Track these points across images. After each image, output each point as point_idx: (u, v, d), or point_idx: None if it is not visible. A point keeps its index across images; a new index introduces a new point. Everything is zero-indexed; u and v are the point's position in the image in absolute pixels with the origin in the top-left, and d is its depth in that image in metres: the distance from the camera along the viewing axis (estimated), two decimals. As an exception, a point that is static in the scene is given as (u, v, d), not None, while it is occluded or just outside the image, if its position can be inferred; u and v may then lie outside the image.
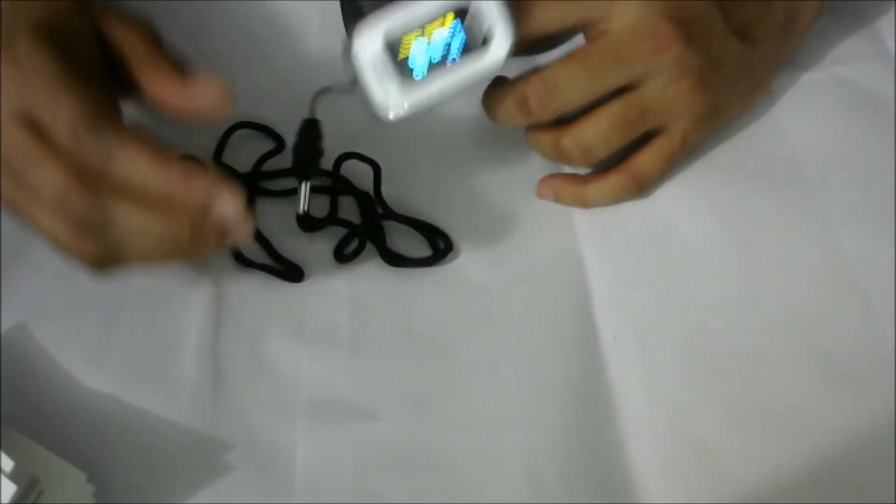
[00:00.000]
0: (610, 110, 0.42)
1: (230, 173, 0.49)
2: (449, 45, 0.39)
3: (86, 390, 0.41)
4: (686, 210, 0.46)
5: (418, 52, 0.39)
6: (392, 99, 0.40)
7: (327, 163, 0.47)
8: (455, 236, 0.46)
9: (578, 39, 0.43)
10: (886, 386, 0.39)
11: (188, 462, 0.39)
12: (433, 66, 0.40)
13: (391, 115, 0.40)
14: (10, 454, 0.34)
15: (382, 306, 0.43)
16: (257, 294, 0.44)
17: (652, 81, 0.42)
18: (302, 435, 0.39)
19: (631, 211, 0.46)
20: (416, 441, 0.39)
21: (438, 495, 0.38)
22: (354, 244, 0.45)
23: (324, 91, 0.43)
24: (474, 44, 0.39)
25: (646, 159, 0.44)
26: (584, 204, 0.46)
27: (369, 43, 0.39)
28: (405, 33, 0.39)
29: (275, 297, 0.44)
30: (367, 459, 0.39)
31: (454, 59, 0.40)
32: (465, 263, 0.45)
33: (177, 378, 0.41)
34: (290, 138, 0.50)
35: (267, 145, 0.50)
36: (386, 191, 0.47)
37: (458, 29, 0.39)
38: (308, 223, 0.45)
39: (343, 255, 0.45)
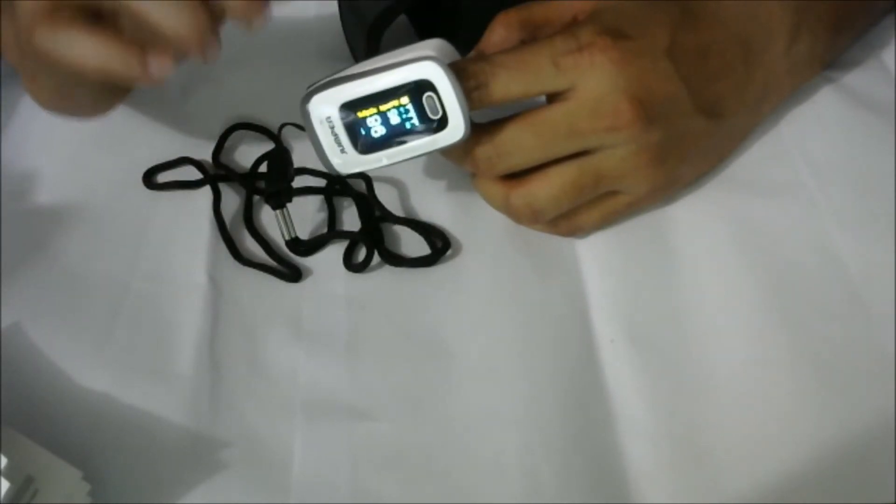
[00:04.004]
0: (562, 175, 0.41)
1: (229, 173, 0.49)
2: (408, 111, 0.39)
3: (82, 388, 0.41)
4: (683, 215, 0.46)
5: (373, 122, 0.39)
6: (339, 160, 0.41)
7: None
8: (453, 236, 0.46)
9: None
10: (885, 392, 0.39)
11: (184, 460, 0.39)
12: (387, 134, 0.40)
13: (339, 172, 0.41)
14: (6, 452, 0.34)
15: (380, 306, 0.43)
16: (255, 293, 0.44)
17: (609, 151, 0.41)
18: (299, 434, 0.39)
19: (628, 215, 0.46)
20: (412, 441, 0.39)
21: (435, 495, 0.37)
22: (360, 251, 0.45)
23: (286, 125, 0.44)
24: (432, 115, 0.39)
25: (591, 215, 0.44)
26: (513, 219, 0.45)
27: (323, 109, 0.39)
28: (360, 109, 0.39)
29: (272, 297, 0.44)
30: (363, 459, 0.38)
31: (412, 126, 0.39)
32: (463, 264, 0.45)
33: (173, 376, 0.41)
34: (288, 139, 0.51)
35: (265, 146, 0.50)
36: (382, 192, 0.48)
37: (415, 103, 0.39)
38: (302, 246, 0.45)
39: (354, 265, 0.45)
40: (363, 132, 0.40)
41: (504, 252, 0.45)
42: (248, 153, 0.50)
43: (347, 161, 0.41)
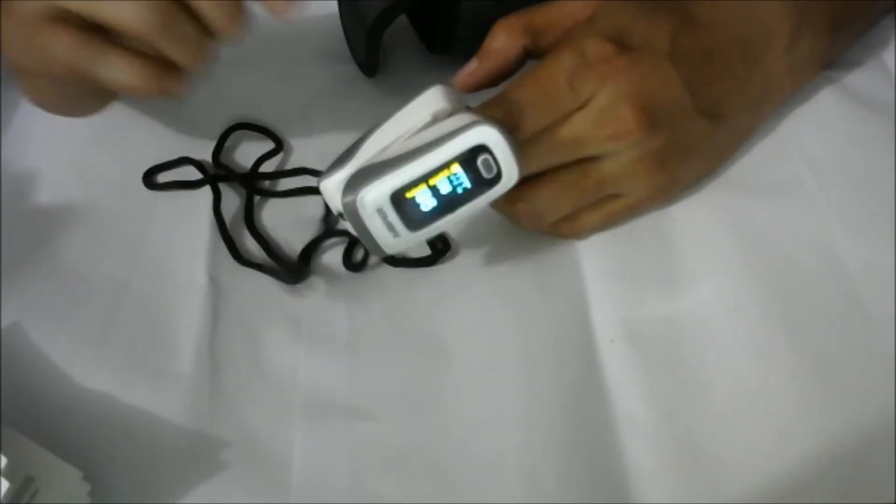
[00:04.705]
0: (564, 179, 0.42)
1: (229, 173, 0.49)
2: (458, 178, 0.37)
3: (82, 388, 0.41)
4: (683, 215, 0.46)
5: (423, 197, 0.37)
6: (393, 244, 0.38)
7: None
8: (452, 237, 0.46)
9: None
10: (884, 392, 0.39)
11: (184, 460, 0.39)
12: (438, 205, 0.38)
13: (391, 254, 0.39)
14: (6, 452, 0.34)
15: (380, 306, 0.43)
16: (255, 293, 0.44)
17: (611, 157, 0.41)
18: (299, 434, 0.39)
19: (628, 217, 0.46)
20: (412, 441, 0.39)
21: (434, 495, 0.37)
22: (360, 251, 0.45)
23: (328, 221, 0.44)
24: (487, 174, 0.37)
25: (592, 217, 0.44)
26: (514, 222, 0.45)
27: (374, 202, 0.37)
28: (409, 190, 0.37)
29: (272, 297, 0.44)
30: (363, 459, 0.39)
31: (464, 190, 0.37)
32: (463, 265, 0.45)
33: (174, 376, 0.41)
34: (288, 139, 0.51)
35: (265, 146, 0.50)
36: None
37: (467, 168, 0.37)
38: (302, 260, 0.45)
39: (353, 265, 0.45)
40: (412, 209, 0.37)
41: (504, 253, 0.45)
42: (248, 153, 0.50)
43: (400, 242, 0.38)
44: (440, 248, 0.45)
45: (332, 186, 0.38)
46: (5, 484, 0.33)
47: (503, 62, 0.43)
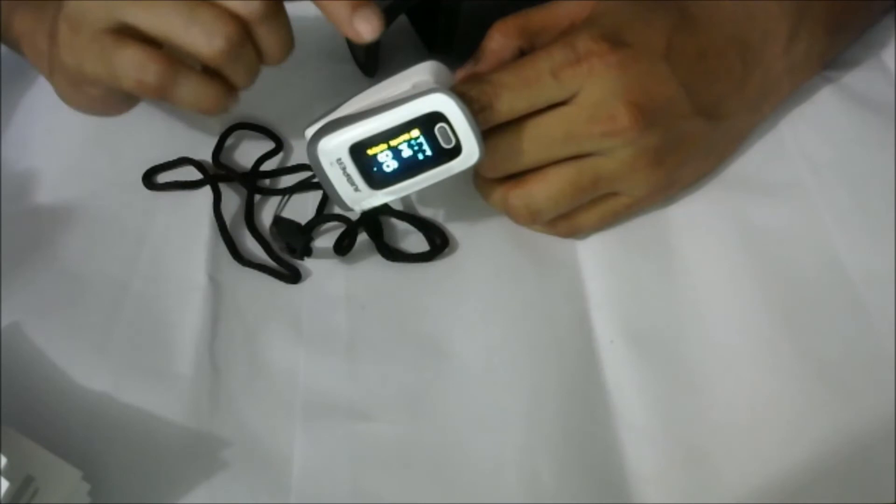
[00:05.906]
0: (561, 176, 0.42)
1: (229, 173, 0.49)
2: (419, 143, 0.39)
3: (82, 388, 0.41)
4: (683, 215, 0.46)
5: (384, 157, 0.39)
6: (353, 198, 0.40)
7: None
8: (452, 234, 0.46)
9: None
10: (884, 392, 0.39)
11: (184, 461, 0.39)
12: (400, 167, 0.39)
13: (353, 209, 0.41)
14: (6, 452, 0.34)
15: (379, 306, 0.43)
16: (255, 293, 0.44)
17: (607, 155, 0.41)
18: (299, 434, 0.39)
19: (627, 216, 0.46)
20: (412, 441, 0.39)
21: (435, 495, 0.37)
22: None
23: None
24: (446, 144, 0.39)
25: (590, 216, 0.44)
26: (513, 218, 0.45)
27: (333, 151, 0.39)
28: (370, 147, 0.39)
29: (272, 297, 0.44)
30: (363, 459, 0.39)
31: (425, 157, 0.39)
32: (463, 263, 0.45)
33: (174, 377, 0.41)
34: (288, 138, 0.51)
35: (266, 146, 0.50)
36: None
37: (426, 135, 0.38)
38: (299, 244, 0.45)
39: (342, 247, 0.45)
40: (375, 168, 0.39)
41: (504, 251, 0.45)
42: (248, 153, 0.50)
43: (361, 198, 0.40)
44: (438, 244, 0.45)
45: (311, 134, 0.40)
46: (5, 484, 0.33)
47: (499, 63, 0.43)
